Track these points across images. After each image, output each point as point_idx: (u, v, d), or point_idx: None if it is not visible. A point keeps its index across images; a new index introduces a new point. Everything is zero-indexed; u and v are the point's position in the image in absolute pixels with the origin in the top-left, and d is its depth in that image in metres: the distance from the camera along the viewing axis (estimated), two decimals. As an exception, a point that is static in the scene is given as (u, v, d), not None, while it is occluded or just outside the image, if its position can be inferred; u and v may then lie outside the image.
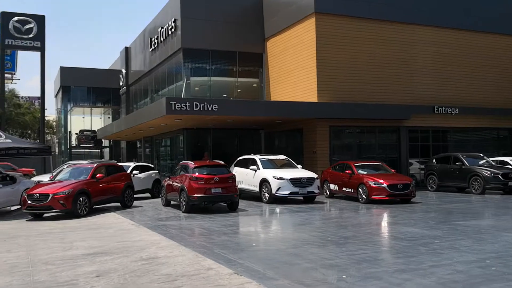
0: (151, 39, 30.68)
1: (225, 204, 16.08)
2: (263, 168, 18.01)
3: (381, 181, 17.13)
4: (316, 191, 17.74)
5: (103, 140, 42.48)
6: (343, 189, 18.68)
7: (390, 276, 6.90)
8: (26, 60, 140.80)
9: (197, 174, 15.37)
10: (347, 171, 18.53)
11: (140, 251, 9.06)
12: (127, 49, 38.01)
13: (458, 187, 21.65)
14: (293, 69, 24.25)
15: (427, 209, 16.00)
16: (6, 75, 41.97)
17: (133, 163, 22.83)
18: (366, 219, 14.10)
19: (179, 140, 27.78)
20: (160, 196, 18.33)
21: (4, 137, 16.75)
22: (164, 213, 15.49)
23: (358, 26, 23.52)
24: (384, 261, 8.08)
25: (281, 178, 17.18)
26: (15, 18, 34.53)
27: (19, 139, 20.50)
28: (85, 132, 43.45)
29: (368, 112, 22.67)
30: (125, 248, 9.35)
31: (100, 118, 48.56)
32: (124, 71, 38.49)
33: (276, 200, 17.37)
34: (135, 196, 18.24)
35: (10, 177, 17.39)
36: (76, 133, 43.92)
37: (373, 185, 17.09)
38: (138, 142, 36.50)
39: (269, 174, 17.47)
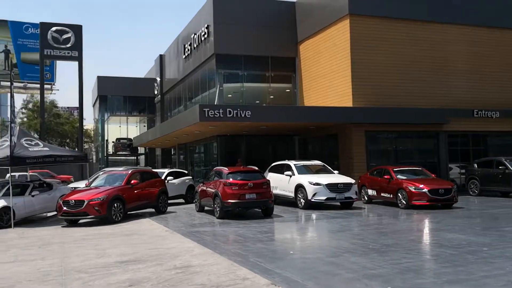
0: (184, 46, 30.81)
1: (260, 210, 15.76)
2: (298, 173, 17.63)
3: (421, 186, 16.48)
4: (354, 196, 17.21)
5: (138, 147, 42.96)
6: (382, 194, 18.09)
7: None
8: (65, 72, 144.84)
9: (231, 179, 15.11)
10: (386, 176, 17.94)
11: (173, 258, 8.82)
12: (161, 57, 38.36)
13: (501, 192, 20.69)
14: (327, 73, 23.79)
15: (471, 214, 15.24)
16: (45, 86, 43.04)
17: (167, 169, 22.82)
18: (408, 225, 13.49)
19: (213, 146, 27.68)
20: (194, 201, 18.17)
21: (41, 145, 16.93)
22: (198, 219, 15.28)
23: (392, 27, 22.89)
24: (431, 271, 7.57)
25: (317, 184, 16.75)
26: (54, 28, 35.40)
27: (56, 147, 20.79)
28: (121, 140, 44.07)
29: (405, 116, 21.95)
30: (158, 256, 9.13)
31: (136, 126, 49.21)
32: (158, 79, 38.84)
33: (312, 206, 16.92)
34: (169, 201, 18.15)
35: (47, 184, 17.62)
36: (113, 141, 44.61)
37: (413, 190, 16.45)
38: (172, 149, 36.69)
39: (305, 179, 17.07)
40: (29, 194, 15.85)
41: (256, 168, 16.37)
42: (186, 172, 23.46)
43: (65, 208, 14.56)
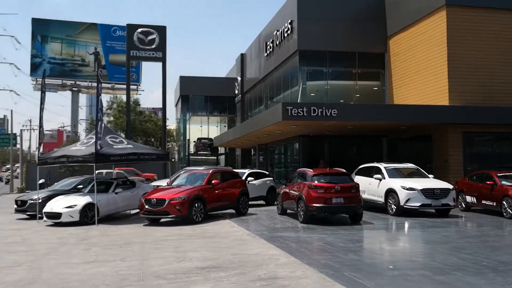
0: (266, 43, 30.18)
1: (347, 216, 14.62)
2: (389, 177, 16.24)
3: (534, 194, 14.49)
4: (452, 203, 15.56)
5: (219, 147, 43.08)
6: (483, 201, 16.23)
7: None
8: (148, 74, 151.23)
9: (316, 182, 14.11)
10: (488, 182, 16.07)
11: (257, 267, 8.01)
12: (242, 56, 38.08)
13: None
14: (420, 69, 22.05)
15: None
16: (131, 87, 44.42)
17: (247, 169, 22.21)
18: (521, 239, 11.76)
19: (294, 147, 26.80)
20: (276, 204, 17.35)
21: (125, 143, 16.95)
22: (280, 223, 14.44)
23: (491, 17, 20.83)
24: None
25: (410, 189, 15.29)
26: (139, 30, 36.18)
27: (139, 145, 20.88)
28: (202, 140, 44.41)
29: (508, 116, 19.74)
30: (241, 263, 8.36)
31: (217, 126, 49.49)
32: (239, 78, 38.61)
33: (403, 212, 15.49)
34: (249, 203, 17.47)
35: (130, 182, 17.62)
36: (194, 141, 45.10)
37: (523, 199, 14.50)
38: (252, 150, 36.26)
39: (397, 183, 15.66)
40: (112, 191, 15.86)
41: (344, 171, 15.22)
42: (267, 173, 22.73)
43: (147, 206, 14.32)
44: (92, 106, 71.78)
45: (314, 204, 13.77)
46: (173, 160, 47.81)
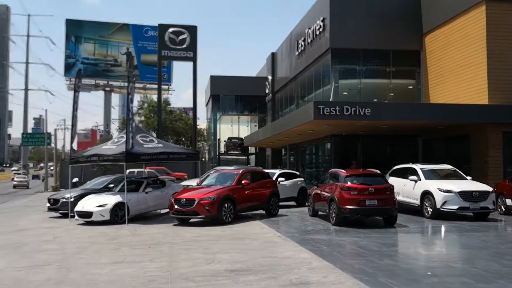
0: (297, 42, 29.80)
1: (380, 218, 14.16)
2: (425, 178, 15.66)
3: None
4: (491, 206, 14.88)
5: (249, 147, 42.91)
6: (525, 205, 15.47)
7: None
8: (180, 74, 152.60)
9: (349, 183, 13.70)
10: (531, 185, 15.31)
11: (288, 271, 7.72)
12: (273, 55, 37.79)
13: None
14: (457, 67, 21.30)
15: None
16: (162, 86, 44.71)
17: (278, 170, 21.90)
18: None
19: (326, 147, 26.35)
20: (307, 205, 16.99)
21: (156, 142, 16.91)
22: (312, 225, 14.09)
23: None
24: None
25: (447, 191, 14.69)
26: (170, 30, 36.33)
27: (170, 144, 20.85)
28: (233, 140, 44.32)
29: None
30: (271, 266, 8.09)
31: (247, 126, 49.36)
32: (270, 78, 38.33)
33: (440, 215, 14.88)
34: (280, 204, 17.15)
35: (160, 181, 17.58)
36: (225, 141, 45.08)
37: None
38: (283, 150, 35.93)
39: (433, 185, 15.08)
40: (143, 190, 15.82)
41: (378, 172, 14.74)
42: (298, 173, 22.37)
43: (176, 206, 14.20)
44: (124, 106, 72.79)
45: (347, 206, 13.37)
46: (203, 159, 47.89)
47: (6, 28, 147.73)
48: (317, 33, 25.74)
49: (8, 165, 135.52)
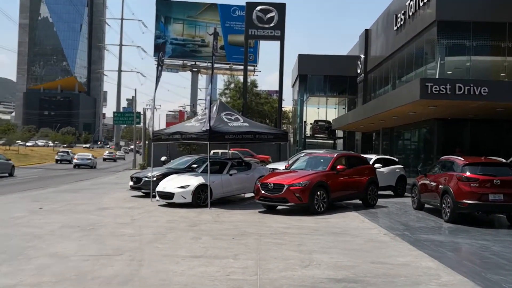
0: (396, 16, 27.01)
1: (504, 216, 11.81)
2: None
3: None
4: None
5: (337, 131, 40.71)
6: None
7: None
8: (266, 57, 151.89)
9: (468, 173, 11.45)
10: None
11: (413, 287, 5.89)
12: (367, 32, 35.06)
13: None
14: None
15: None
16: (248, 67, 43.59)
17: (375, 155, 19.77)
18: None
19: (427, 132, 23.67)
20: (412, 196, 14.80)
21: (241, 120, 15.53)
22: (420, 220, 12.02)
23: None
24: None
25: None
26: (258, 8, 34.93)
27: (256, 124, 19.36)
28: (319, 123, 42.30)
29: None
30: (388, 277, 6.30)
31: (335, 108, 47.05)
32: (362, 56, 35.68)
33: None
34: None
35: (245, 163, 16.27)
36: (311, 123, 43.19)
37: None
38: (374, 134, 33.40)
39: None
40: (227, 172, 14.55)
41: (504, 161, 12.31)
42: (396, 159, 20.08)
43: (263, 191, 12.74)
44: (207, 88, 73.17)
45: (465, 201, 11.17)
46: (288, 142, 46.55)
47: (102, 12, 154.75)
48: (421, 4, 22.93)
49: (101, 143, 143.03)
